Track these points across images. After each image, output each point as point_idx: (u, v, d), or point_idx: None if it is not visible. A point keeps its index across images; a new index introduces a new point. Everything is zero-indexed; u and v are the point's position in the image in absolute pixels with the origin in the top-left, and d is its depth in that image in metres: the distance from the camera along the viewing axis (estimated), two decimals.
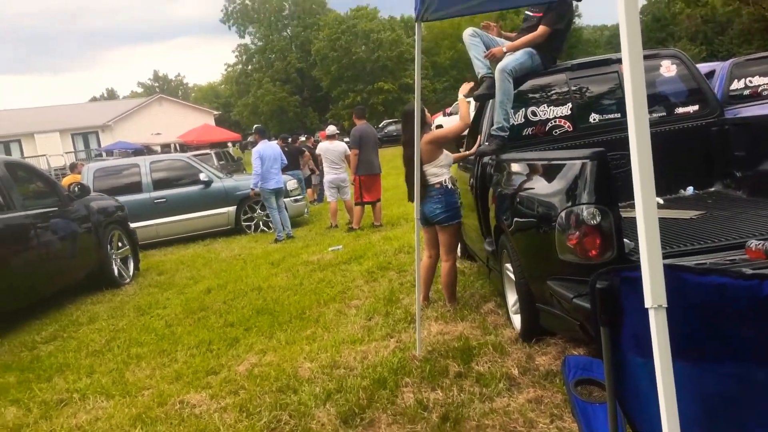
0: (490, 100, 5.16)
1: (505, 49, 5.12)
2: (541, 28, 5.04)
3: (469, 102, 5.72)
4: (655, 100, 5.15)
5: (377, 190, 10.36)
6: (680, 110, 5.14)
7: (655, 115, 5.10)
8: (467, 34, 5.24)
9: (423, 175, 4.90)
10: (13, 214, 6.61)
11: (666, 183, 4.83)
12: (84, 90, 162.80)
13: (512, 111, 4.95)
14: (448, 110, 28.96)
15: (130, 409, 4.00)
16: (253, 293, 6.80)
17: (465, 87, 5.26)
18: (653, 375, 1.23)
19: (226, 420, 3.65)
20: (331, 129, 11.63)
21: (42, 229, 6.97)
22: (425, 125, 5.11)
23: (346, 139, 11.43)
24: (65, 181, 11.99)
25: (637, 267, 1.27)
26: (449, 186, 5.05)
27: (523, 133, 5.10)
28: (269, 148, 10.57)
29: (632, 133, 1.37)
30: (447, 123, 19.62)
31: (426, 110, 5.15)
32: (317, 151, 11.75)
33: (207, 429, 3.55)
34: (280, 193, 10.65)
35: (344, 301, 5.99)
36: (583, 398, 1.67)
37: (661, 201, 4.59)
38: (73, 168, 14.93)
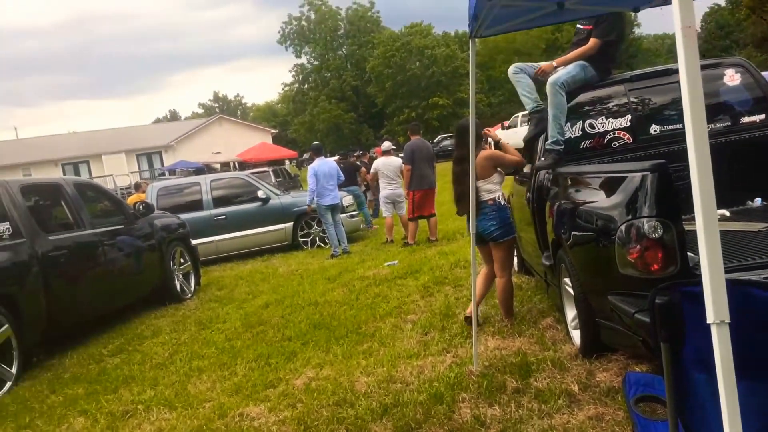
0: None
1: (555, 64, 5.08)
2: (592, 41, 4.99)
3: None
4: (719, 109, 4.99)
5: (431, 204, 10.33)
6: (746, 119, 4.96)
7: (719, 125, 4.95)
8: (511, 72, 5.23)
9: (476, 191, 4.89)
10: (82, 233, 6.91)
11: (732, 194, 4.65)
12: (149, 112, 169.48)
13: (566, 125, 4.89)
14: (507, 123, 28.82)
15: (192, 420, 4.10)
16: (310, 308, 6.88)
17: (493, 135, 5.36)
18: (716, 392, 1.19)
19: None
20: (387, 145, 11.72)
21: (109, 247, 7.25)
22: (480, 140, 5.10)
23: (401, 155, 11.49)
24: (131, 200, 12.44)
25: (698, 282, 1.24)
26: (502, 202, 5.02)
27: (581, 146, 5.01)
28: (324, 165, 10.71)
29: (691, 142, 1.34)
30: (505, 137, 19.48)
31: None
32: (373, 167, 11.82)
33: None
34: (336, 208, 10.75)
35: (400, 315, 5.99)
36: (645, 415, 1.63)
37: (727, 213, 4.43)
38: (138, 187, 15.52)
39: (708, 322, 1.21)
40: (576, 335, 4.30)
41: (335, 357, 5.03)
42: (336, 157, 18.05)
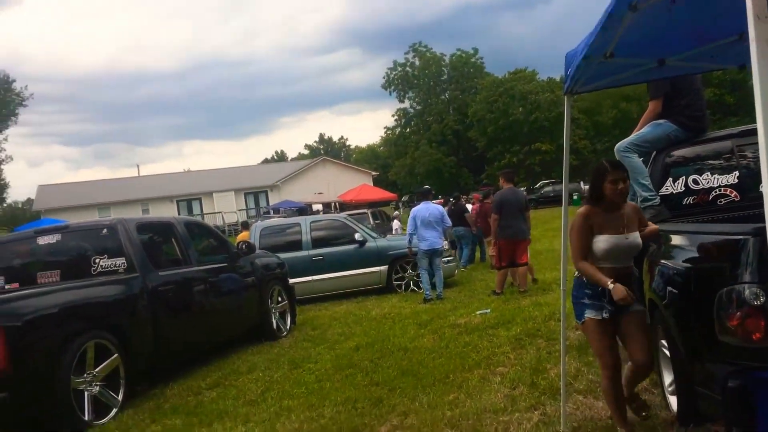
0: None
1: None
2: (649, 104, 5.01)
3: None
4: None
5: (521, 254, 10.11)
6: None
7: None
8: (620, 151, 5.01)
9: None
10: (189, 269, 7.32)
11: None
12: (258, 152, 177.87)
13: (648, 181, 4.83)
14: None
15: None
16: (400, 353, 6.91)
17: None
18: None
19: None
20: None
21: (213, 283, 7.63)
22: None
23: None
24: (239, 238, 13.10)
25: None
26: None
27: (684, 203, 4.85)
28: (425, 210, 10.74)
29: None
30: None
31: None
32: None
33: None
34: (435, 253, 10.71)
35: (489, 367, 5.91)
36: None
37: None
38: (246, 226, 16.34)
39: None
40: (673, 401, 4.09)
41: (421, 406, 5.02)
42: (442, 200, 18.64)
